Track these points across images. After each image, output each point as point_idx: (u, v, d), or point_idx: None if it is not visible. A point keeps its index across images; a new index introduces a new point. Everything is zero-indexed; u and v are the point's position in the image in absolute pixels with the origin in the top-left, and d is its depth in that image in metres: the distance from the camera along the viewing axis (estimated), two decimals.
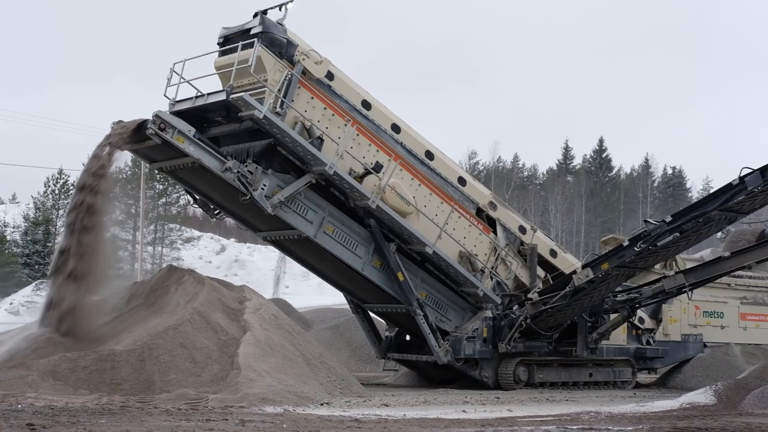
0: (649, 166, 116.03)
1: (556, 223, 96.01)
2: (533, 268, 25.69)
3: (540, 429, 13.88)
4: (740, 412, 17.22)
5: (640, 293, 25.09)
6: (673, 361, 29.18)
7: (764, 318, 31.44)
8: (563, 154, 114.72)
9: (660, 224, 22.41)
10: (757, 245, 24.41)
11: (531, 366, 25.19)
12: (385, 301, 24.29)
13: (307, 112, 21.93)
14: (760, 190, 20.74)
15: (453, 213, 24.13)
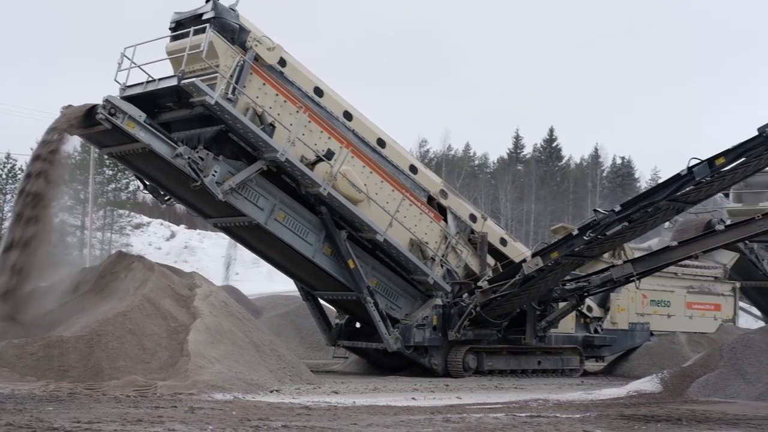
0: (599, 156, 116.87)
1: (506, 212, 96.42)
2: (483, 257, 25.81)
3: (489, 416, 13.97)
4: (685, 400, 17.44)
5: (589, 282, 25.27)
6: (621, 349, 29.47)
7: (710, 307, 31.86)
8: (514, 143, 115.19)
9: (609, 213, 22.60)
10: (704, 235, 24.69)
11: (480, 354, 25.32)
12: (336, 288, 24.28)
13: (259, 98, 21.84)
14: (708, 181, 20.98)
15: (404, 201, 24.16)
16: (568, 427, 12.66)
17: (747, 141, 20.18)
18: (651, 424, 13.38)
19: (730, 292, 32.69)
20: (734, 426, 13.39)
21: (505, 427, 12.57)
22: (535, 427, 12.67)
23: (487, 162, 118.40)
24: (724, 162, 20.61)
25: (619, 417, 14.21)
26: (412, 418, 13.52)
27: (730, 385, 18.10)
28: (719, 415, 14.62)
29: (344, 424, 12.43)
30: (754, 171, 21.69)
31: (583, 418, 13.99)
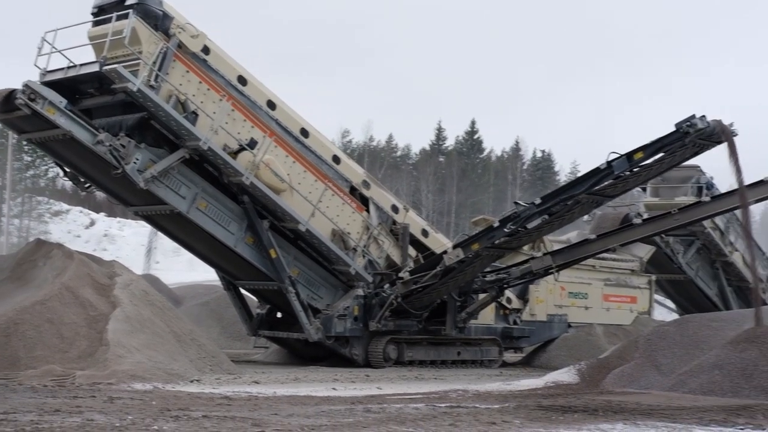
0: (519, 149, 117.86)
1: (427, 203, 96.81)
2: (405, 248, 25.91)
3: (409, 407, 14.05)
4: (602, 391, 17.69)
5: (509, 274, 25.55)
6: (539, 340, 29.82)
7: (626, 299, 32.39)
8: (436, 135, 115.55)
9: (529, 206, 22.84)
10: (622, 229, 25.14)
11: (401, 344, 25.42)
12: (257, 278, 24.20)
13: (182, 86, 21.65)
14: (627, 175, 21.31)
15: (327, 191, 24.16)
16: (487, 418, 12.78)
17: (665, 136, 20.53)
18: (568, 415, 13.56)
19: (646, 284, 33.28)
20: (648, 416, 13.63)
21: (425, 417, 12.65)
22: (454, 417, 12.77)
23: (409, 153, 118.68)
24: (642, 156, 20.95)
25: (537, 407, 14.38)
26: (333, 408, 13.55)
27: (644, 376, 18.41)
28: (634, 406, 14.86)
29: (265, 414, 12.42)
30: (671, 166, 22.10)
31: (502, 409, 14.14)
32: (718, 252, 34.92)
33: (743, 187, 19.83)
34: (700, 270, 35.12)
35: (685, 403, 15.33)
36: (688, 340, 19.27)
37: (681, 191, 33.21)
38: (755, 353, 16.99)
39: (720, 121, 20.09)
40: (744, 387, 16.47)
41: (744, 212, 22.15)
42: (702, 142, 20.43)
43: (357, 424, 11.65)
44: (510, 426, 12.00)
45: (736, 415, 13.94)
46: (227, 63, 22.83)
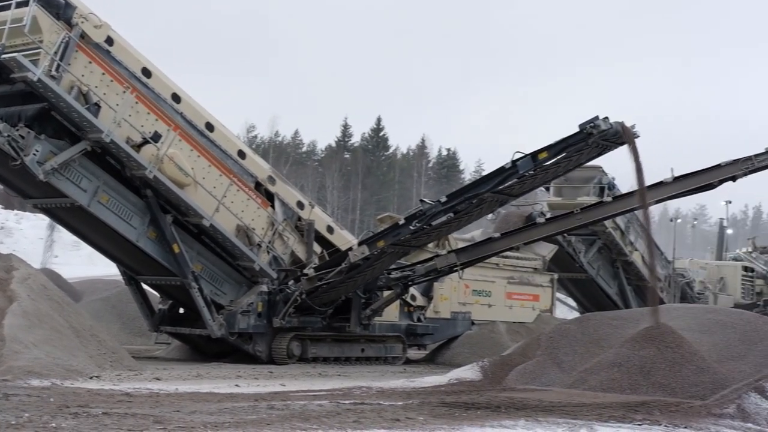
0: (425, 147, 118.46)
1: (333, 200, 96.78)
2: (310, 244, 25.82)
3: (313, 403, 13.99)
4: (504, 388, 17.84)
5: (414, 271, 25.61)
6: (443, 337, 29.96)
7: (529, 297, 32.73)
8: (342, 131, 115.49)
9: (435, 204, 22.91)
10: (525, 228, 25.37)
11: (305, 341, 25.33)
12: (160, 273, 23.89)
13: (85, 76, 21.24)
14: (531, 174, 21.50)
15: (232, 186, 23.94)
16: (390, 415, 12.78)
17: (569, 137, 20.75)
18: (471, 411, 13.64)
19: (548, 283, 33.68)
20: (550, 413, 13.78)
21: (329, 414, 12.60)
22: (358, 414, 12.74)
23: (315, 149, 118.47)
24: (546, 156, 21.15)
25: (441, 404, 14.44)
26: (236, 405, 13.43)
27: (546, 373, 18.63)
28: (536, 403, 15.02)
29: (167, 411, 12.24)
30: (574, 166, 22.36)
31: (406, 406, 14.16)
32: (618, 251, 35.51)
33: (644, 188, 20.15)
34: (601, 269, 35.69)
35: (586, 400, 15.54)
36: (589, 338, 19.56)
37: (583, 191, 33.66)
38: (653, 351, 17.30)
39: (623, 123, 20.37)
40: (642, 384, 16.77)
41: (644, 213, 22.52)
42: (605, 143, 20.69)
43: (260, 421, 11.55)
44: (414, 423, 12.02)
45: (634, 412, 14.19)
46: (131, 54, 22.47)
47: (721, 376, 16.77)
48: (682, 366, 16.92)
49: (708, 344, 18.28)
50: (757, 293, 47.34)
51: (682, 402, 15.39)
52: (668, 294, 37.65)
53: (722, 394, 15.78)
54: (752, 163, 21.21)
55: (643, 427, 12.93)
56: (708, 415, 14.41)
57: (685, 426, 13.22)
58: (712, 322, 19.53)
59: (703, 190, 22.08)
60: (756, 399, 15.27)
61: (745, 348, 18.15)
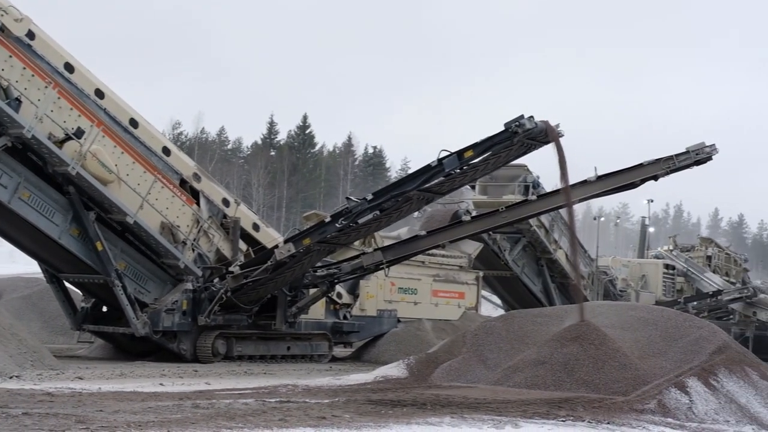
0: (352, 145, 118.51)
1: (258, 197, 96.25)
2: (235, 242, 25.68)
3: (238, 402, 13.91)
4: (430, 385, 17.92)
5: (340, 269, 25.61)
6: (369, 335, 30.00)
7: (454, 295, 32.89)
8: (268, 129, 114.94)
9: (361, 202, 22.90)
10: (451, 226, 25.49)
11: (230, 339, 25.17)
12: (83, 271, 23.55)
13: (5, 71, 20.85)
14: (457, 173, 21.60)
15: (156, 183, 23.70)
16: (316, 413, 12.77)
17: (494, 135, 20.88)
18: (397, 409, 13.68)
19: (473, 280, 33.87)
20: (475, 410, 13.87)
21: (254, 412, 12.54)
22: (284, 412, 12.71)
23: (240, 147, 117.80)
24: (472, 155, 21.26)
25: (367, 402, 14.45)
26: (161, 404, 13.30)
27: (471, 370, 18.75)
28: (461, 400, 15.11)
29: (89, 411, 12.08)
30: (500, 164, 22.50)
31: (332, 404, 14.15)
32: (543, 249, 35.83)
33: (568, 186, 20.37)
34: (525, 267, 35.97)
35: (510, 397, 15.68)
36: (514, 335, 19.73)
37: (509, 189, 33.91)
38: (576, 348, 17.52)
39: (547, 122, 20.55)
40: (566, 380, 16.96)
41: (568, 211, 22.76)
42: (530, 142, 20.86)
43: (185, 420, 11.45)
44: (340, 420, 12.01)
45: (558, 408, 14.35)
46: (53, 49, 22.13)
47: (643, 372, 17.03)
48: (604, 363, 17.15)
49: (630, 341, 18.55)
50: (677, 290, 48.12)
51: (604, 398, 15.61)
52: (591, 291, 38.09)
53: (644, 389, 16.04)
54: (673, 162, 21.53)
55: (566, 423, 13.08)
56: (630, 411, 14.64)
57: (607, 422, 13.41)
58: (634, 319, 19.81)
59: (625, 189, 22.37)
60: (676, 394, 15.56)
61: (665, 344, 18.45)
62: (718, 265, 52.39)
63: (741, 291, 47.79)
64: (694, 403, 15.44)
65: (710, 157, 21.59)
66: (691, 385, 15.95)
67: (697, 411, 15.24)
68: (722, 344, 18.20)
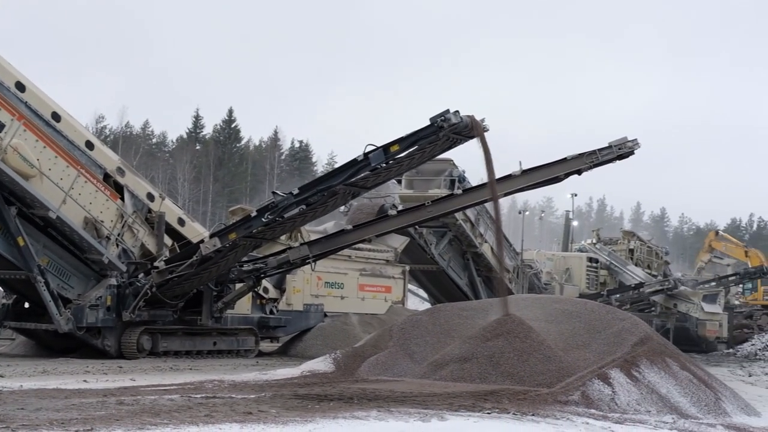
0: (278, 139, 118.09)
1: (184, 192, 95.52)
2: (160, 236, 25.50)
3: (163, 398, 13.80)
4: (357, 379, 17.92)
5: (266, 263, 25.52)
6: (295, 330, 29.97)
7: (381, 289, 32.98)
8: (193, 122, 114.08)
9: (287, 196, 22.82)
10: (377, 220, 25.53)
11: (155, 335, 24.98)
12: (4, 267, 23.18)
13: None
14: (383, 167, 21.63)
15: (79, 177, 23.43)
16: (243, 408, 12.71)
17: (419, 130, 20.92)
18: (324, 403, 13.67)
19: (400, 274, 33.99)
20: (401, 403, 13.91)
21: (180, 408, 12.45)
22: (210, 408, 12.62)
23: (165, 141, 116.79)
24: (398, 149, 21.27)
25: (294, 397, 14.42)
26: (84, 401, 13.13)
27: (398, 364, 18.80)
28: (388, 393, 15.14)
29: (10, 409, 11.88)
30: (426, 159, 22.57)
31: (258, 399, 14.10)
32: (468, 243, 36.04)
33: (493, 180, 20.49)
34: (451, 260, 36.17)
35: (437, 390, 15.74)
36: (440, 328, 19.82)
37: (434, 184, 34.06)
38: (502, 341, 17.65)
39: (473, 117, 20.63)
40: (491, 373, 17.09)
41: (494, 205, 22.91)
42: (455, 137, 20.93)
43: (109, 417, 11.32)
44: (266, 416, 11.97)
45: (483, 400, 14.45)
46: None
47: (567, 365, 17.22)
48: (529, 355, 17.31)
49: (554, 333, 18.75)
50: (601, 283, 48.78)
51: (529, 390, 15.75)
52: (516, 285, 38.45)
53: (568, 381, 16.22)
54: (597, 157, 21.78)
55: (492, 415, 13.17)
56: (554, 403, 14.80)
57: (532, 413, 13.53)
58: (558, 311, 20.02)
59: (550, 183, 22.59)
60: (599, 385, 15.76)
61: (589, 336, 18.68)
62: (640, 258, 53.22)
63: (662, 283, 48.63)
64: (617, 394, 15.66)
65: (632, 152, 21.89)
66: (614, 377, 16.16)
67: (619, 402, 15.45)
68: (644, 336, 18.47)
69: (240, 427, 10.78)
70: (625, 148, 21.76)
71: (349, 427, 11.36)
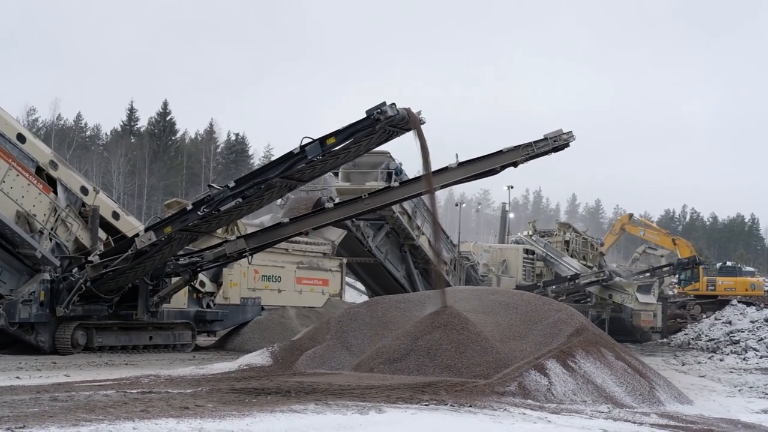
0: (214, 132, 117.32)
1: (119, 185, 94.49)
2: (95, 230, 25.23)
3: (99, 394, 13.64)
4: (294, 372, 17.88)
5: (202, 257, 25.36)
6: (232, 323, 29.84)
7: (318, 282, 32.94)
8: (128, 115, 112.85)
9: (223, 189, 22.66)
10: (314, 212, 25.48)
11: (90, 330, 24.72)
12: None
13: None
14: (319, 160, 21.57)
15: (11, 171, 23.08)
16: (179, 403, 12.61)
17: (356, 122, 20.89)
18: (261, 397, 13.61)
19: (337, 267, 33.99)
20: (339, 396, 13.90)
21: (115, 404, 12.31)
22: (146, 403, 12.51)
23: (99, 134, 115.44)
24: (334, 142, 21.22)
25: (231, 391, 14.35)
26: (17, 398, 12.94)
27: (336, 357, 18.79)
28: (326, 386, 15.12)
29: None
30: (362, 151, 22.55)
31: (195, 393, 14.00)
32: (406, 236, 36.09)
33: (430, 173, 20.53)
34: (389, 253, 36.18)
35: (375, 383, 15.76)
36: (377, 321, 19.85)
37: (371, 176, 34.02)
38: (439, 333, 17.71)
39: (409, 109, 20.64)
40: (429, 365, 17.14)
41: (430, 197, 22.98)
42: (391, 129, 20.93)
43: (43, 414, 11.16)
44: (203, 410, 11.88)
45: (421, 393, 14.49)
46: None
47: (504, 356, 17.33)
48: (467, 347, 17.39)
49: (491, 325, 18.85)
50: (537, 275, 49.21)
51: (467, 382, 15.82)
52: (454, 277, 38.60)
53: (504, 372, 16.32)
54: (532, 149, 21.93)
55: (429, 407, 13.21)
56: (491, 394, 14.89)
57: (469, 405, 13.59)
58: (494, 303, 20.14)
59: (486, 175, 22.70)
60: (536, 376, 15.89)
61: (525, 328, 18.81)
62: (576, 250, 53.75)
63: (597, 275, 49.22)
64: (553, 384, 15.79)
65: (568, 144, 22.08)
66: (550, 367, 16.30)
67: (556, 392, 15.58)
68: (579, 326, 18.65)
69: (176, 422, 10.69)
70: (561, 141, 21.94)
71: (287, 421, 11.32)
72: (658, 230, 70.85)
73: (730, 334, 43.02)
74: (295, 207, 32.85)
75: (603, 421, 13.51)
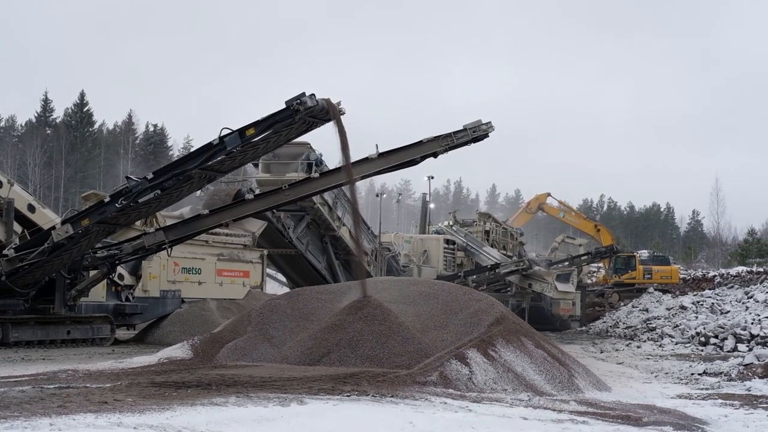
0: (132, 123, 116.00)
1: (34, 177, 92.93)
2: (9, 224, 24.80)
3: (14, 390, 13.41)
4: (215, 365, 17.79)
5: (121, 250, 25.07)
6: (152, 316, 29.60)
7: (239, 274, 32.79)
8: (43, 106, 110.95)
9: (141, 181, 22.41)
10: (234, 204, 25.33)
11: (5, 325, 24.33)
12: None
13: None
14: (239, 150, 21.45)
15: None
16: (98, 397, 12.46)
17: (275, 113, 20.80)
18: (182, 390, 13.51)
19: (258, 259, 33.87)
20: (261, 388, 13.86)
21: (31, 400, 12.13)
22: (64, 398, 12.34)
23: (14, 125, 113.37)
24: (254, 133, 21.11)
25: (150, 384, 14.22)
26: None
27: (257, 349, 18.72)
28: (247, 379, 15.06)
29: None
30: (282, 142, 22.48)
31: (114, 387, 13.85)
32: (327, 227, 36.10)
33: (350, 164, 20.55)
34: (310, 244, 36.16)
35: (296, 374, 15.74)
36: (299, 312, 19.81)
37: (292, 167, 33.94)
38: (360, 324, 17.75)
39: (329, 100, 20.61)
40: (350, 356, 17.17)
41: (351, 188, 22.99)
42: (311, 120, 20.88)
43: None
44: (122, 404, 11.77)
45: (343, 383, 14.52)
46: None
47: (425, 346, 17.42)
48: (388, 337, 17.44)
49: (412, 315, 18.92)
50: (458, 265, 49.52)
51: (388, 372, 15.88)
52: (375, 267, 38.68)
53: (426, 362, 16.42)
54: (452, 140, 22.08)
55: (351, 398, 13.24)
56: (413, 384, 14.97)
57: (391, 395, 13.65)
58: (415, 293, 20.22)
59: (406, 166, 22.80)
60: (457, 366, 16.01)
61: (446, 318, 18.91)
62: (496, 239, 54.22)
63: (517, 264, 49.70)
64: (474, 373, 15.93)
65: (487, 134, 22.27)
66: (471, 357, 16.43)
67: (476, 381, 15.72)
68: (500, 316, 18.81)
69: (95, 417, 10.57)
70: (480, 131, 22.13)
71: (208, 414, 11.26)
72: (579, 214, 71.63)
73: (647, 321, 43.73)
74: (214, 198, 32.67)
75: (523, 409, 13.66)
